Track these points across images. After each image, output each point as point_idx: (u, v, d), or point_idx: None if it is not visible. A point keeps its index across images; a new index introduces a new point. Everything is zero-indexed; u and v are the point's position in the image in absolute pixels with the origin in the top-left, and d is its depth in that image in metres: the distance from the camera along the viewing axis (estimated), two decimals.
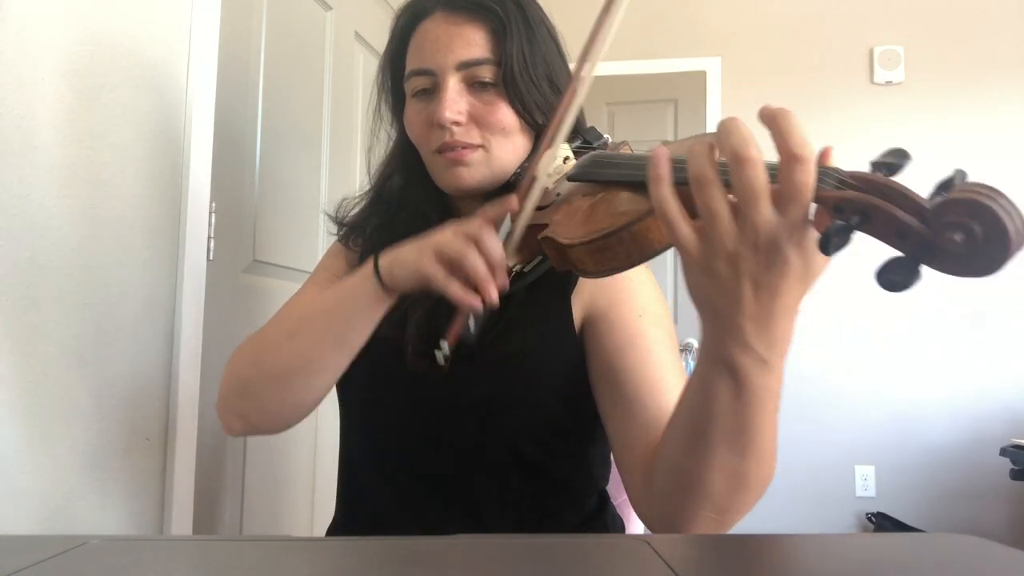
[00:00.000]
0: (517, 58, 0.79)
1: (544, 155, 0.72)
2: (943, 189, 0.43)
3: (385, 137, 0.93)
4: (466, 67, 0.79)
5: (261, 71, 1.61)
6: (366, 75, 2.12)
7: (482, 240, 0.65)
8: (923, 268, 0.42)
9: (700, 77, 3.34)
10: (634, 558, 0.45)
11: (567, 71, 0.85)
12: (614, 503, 0.95)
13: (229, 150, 1.48)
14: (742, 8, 3.35)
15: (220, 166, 1.42)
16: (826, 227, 0.45)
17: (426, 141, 0.83)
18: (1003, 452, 2.70)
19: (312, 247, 1.82)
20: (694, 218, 0.50)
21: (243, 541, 0.56)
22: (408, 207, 0.89)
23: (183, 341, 1.30)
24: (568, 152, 0.77)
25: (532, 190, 0.70)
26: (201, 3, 1.34)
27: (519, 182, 0.81)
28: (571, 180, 0.71)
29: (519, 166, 0.83)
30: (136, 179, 1.20)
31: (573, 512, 0.87)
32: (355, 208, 0.95)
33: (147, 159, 1.23)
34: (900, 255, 0.43)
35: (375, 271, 0.73)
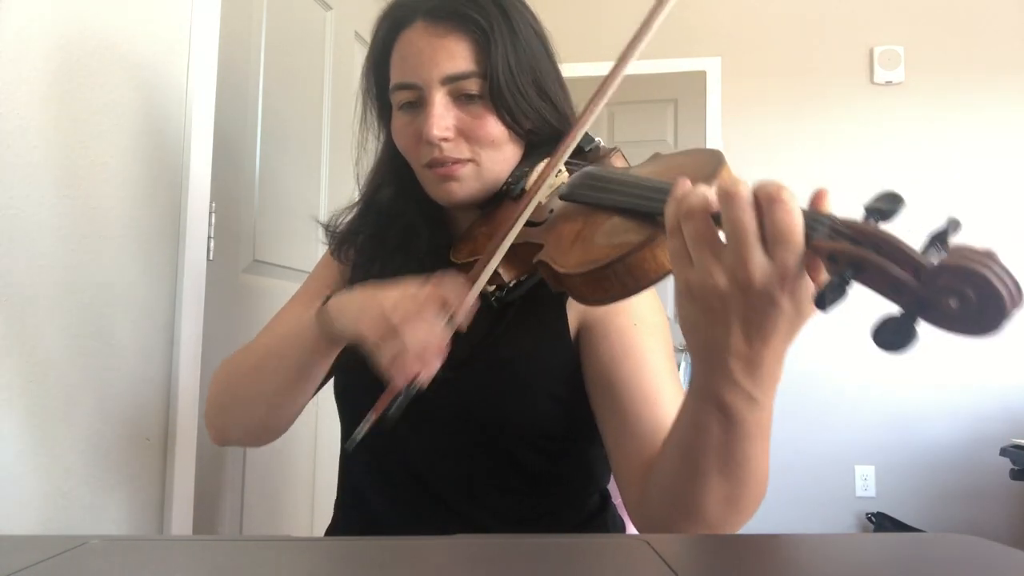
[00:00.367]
0: (503, 68, 0.77)
1: (545, 180, 0.72)
2: (936, 241, 0.43)
3: (372, 146, 0.92)
4: (451, 81, 0.77)
5: (261, 71, 1.61)
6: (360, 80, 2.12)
7: (427, 321, 0.63)
8: (920, 327, 0.42)
9: (700, 77, 3.34)
10: (634, 558, 0.45)
11: (555, 74, 0.84)
12: (614, 503, 0.95)
13: (229, 150, 1.48)
14: (742, 8, 3.35)
15: (220, 166, 1.42)
16: (822, 284, 0.45)
17: (415, 155, 0.82)
18: (1003, 452, 2.70)
19: (312, 247, 1.82)
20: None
21: (243, 541, 0.56)
22: (399, 218, 0.88)
23: (183, 341, 1.30)
24: (561, 164, 0.76)
25: (526, 211, 0.70)
26: (201, 3, 1.34)
27: (512, 191, 0.81)
28: (564, 200, 0.71)
29: (511, 175, 0.82)
30: (136, 179, 1.20)
31: (574, 512, 0.87)
32: (346, 218, 0.94)
33: (147, 159, 1.23)
34: (896, 313, 0.43)
35: (320, 318, 0.73)
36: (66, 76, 1.06)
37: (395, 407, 0.65)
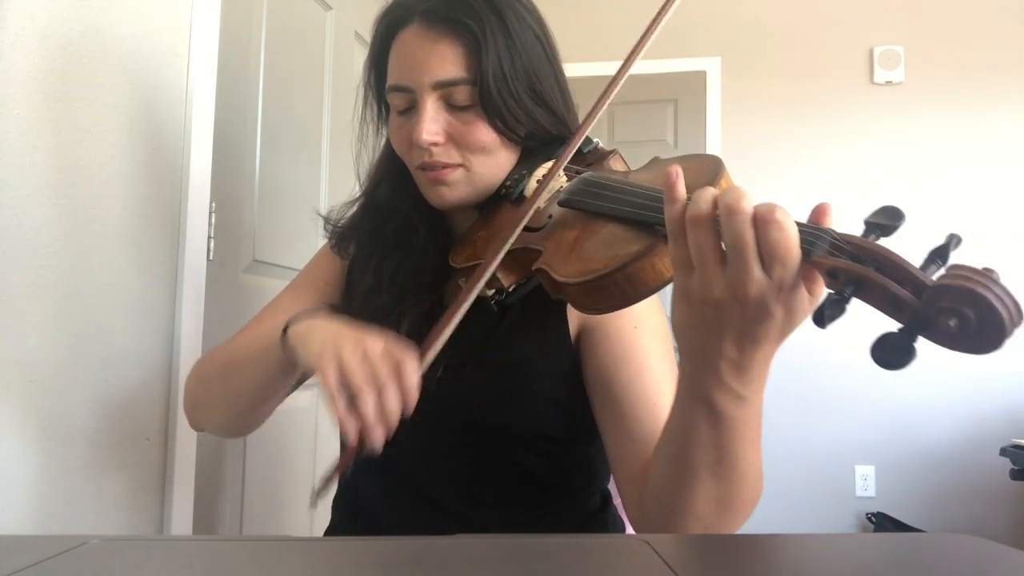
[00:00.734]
0: (495, 75, 0.76)
1: (544, 189, 0.72)
2: (936, 257, 0.43)
3: (372, 143, 0.92)
4: (442, 87, 0.77)
5: (261, 71, 1.61)
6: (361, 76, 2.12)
7: (390, 383, 0.59)
8: (919, 344, 0.42)
9: (700, 77, 3.34)
10: (634, 558, 0.45)
11: (554, 77, 0.83)
12: (614, 503, 0.95)
13: (229, 150, 1.48)
14: (742, 8, 3.34)
15: (220, 166, 1.41)
16: (820, 291, 0.46)
17: (408, 157, 0.82)
18: (1003, 452, 2.70)
19: (312, 247, 1.81)
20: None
21: (243, 541, 0.56)
22: (397, 215, 0.88)
23: (183, 341, 1.30)
24: (560, 171, 0.76)
25: (524, 219, 0.70)
26: (201, 3, 1.34)
27: (511, 195, 0.81)
28: (562, 206, 0.71)
29: (510, 177, 0.82)
30: (136, 179, 1.20)
31: (574, 512, 0.87)
32: (346, 213, 0.94)
33: (147, 159, 1.23)
34: (895, 329, 0.43)
35: (283, 340, 0.72)
36: (66, 76, 1.06)
37: (351, 469, 0.65)
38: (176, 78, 1.30)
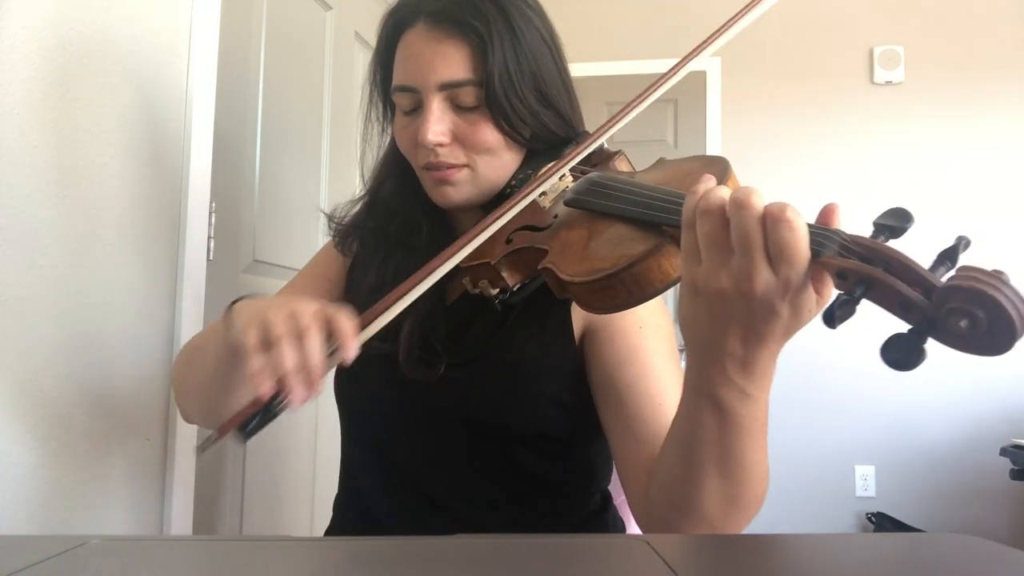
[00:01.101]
0: (500, 76, 0.76)
1: (542, 182, 0.72)
2: (946, 259, 0.43)
3: (377, 142, 0.92)
4: (448, 88, 0.77)
5: (261, 71, 1.61)
6: (366, 75, 2.12)
7: (307, 344, 0.56)
8: (928, 345, 0.42)
9: (700, 77, 3.34)
10: (634, 558, 0.45)
11: (560, 77, 0.83)
12: (615, 503, 0.95)
13: (229, 150, 1.48)
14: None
15: (220, 166, 1.42)
16: (829, 292, 0.46)
17: (413, 157, 0.83)
18: (1003, 452, 2.70)
19: (312, 247, 1.82)
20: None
21: (243, 541, 0.56)
22: (401, 214, 0.88)
23: (183, 341, 1.30)
24: (565, 169, 0.76)
25: (517, 205, 0.70)
26: (201, 3, 1.34)
27: (516, 193, 0.81)
28: (568, 206, 0.71)
29: (514, 178, 0.82)
30: (136, 179, 1.20)
31: (574, 512, 0.87)
32: (350, 211, 0.94)
33: (147, 159, 1.23)
34: (904, 330, 0.43)
35: (224, 318, 0.68)
36: (66, 76, 1.06)
37: (252, 424, 0.57)
38: (176, 78, 1.30)
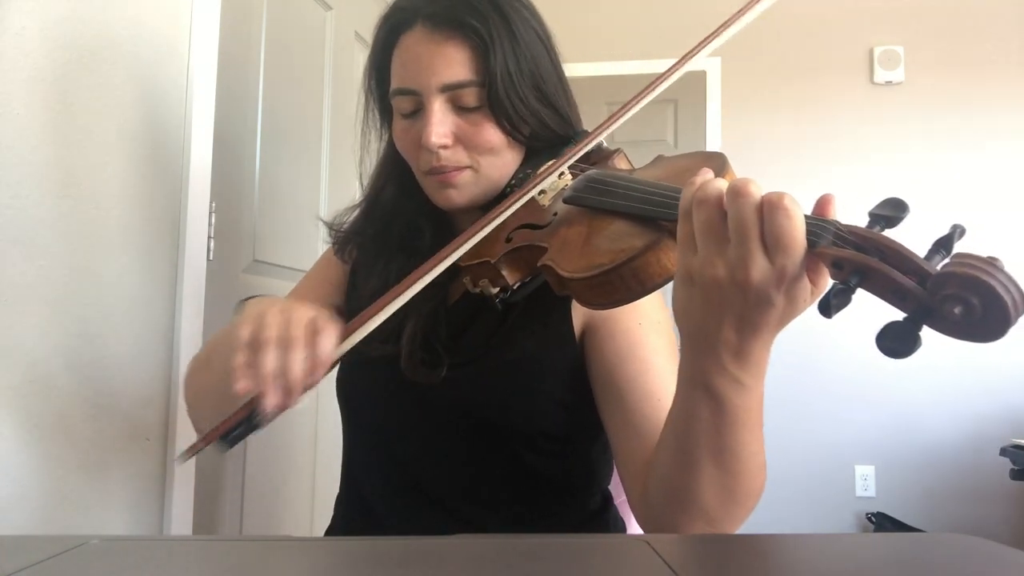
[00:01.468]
0: (502, 76, 0.77)
1: (542, 180, 0.72)
2: (941, 247, 0.43)
3: (375, 146, 0.92)
4: (449, 89, 0.77)
5: (261, 71, 1.61)
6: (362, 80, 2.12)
7: (292, 351, 0.55)
8: (924, 333, 0.43)
9: (700, 77, 3.34)
10: (634, 558, 0.45)
11: (557, 76, 0.83)
12: (615, 503, 0.95)
13: (229, 150, 1.48)
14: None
15: (220, 166, 1.42)
16: (824, 287, 0.46)
17: (415, 161, 0.82)
18: (1003, 452, 2.70)
19: (312, 247, 1.82)
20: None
21: (243, 541, 0.56)
22: (401, 218, 0.88)
23: (183, 341, 1.30)
24: (564, 167, 0.76)
25: (516, 203, 0.70)
26: (201, 3, 1.34)
27: (513, 193, 0.81)
28: (567, 203, 0.71)
29: (514, 177, 0.82)
30: (136, 179, 1.20)
31: (574, 512, 0.87)
32: (349, 218, 0.94)
33: (147, 159, 1.23)
34: (900, 318, 0.43)
35: (236, 311, 0.68)
36: (66, 76, 1.06)
37: (234, 434, 0.58)
38: (176, 78, 1.30)
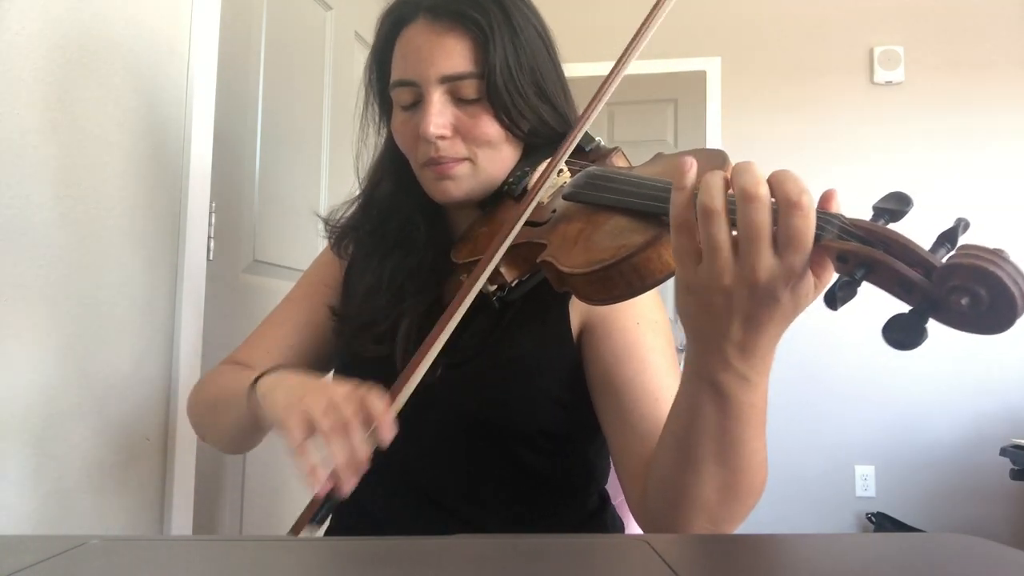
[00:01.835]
0: (501, 69, 0.77)
1: (546, 180, 0.73)
2: (945, 240, 0.43)
3: (373, 142, 0.92)
4: (449, 81, 0.77)
5: (261, 71, 1.61)
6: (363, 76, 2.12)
7: (352, 436, 0.59)
8: (929, 325, 0.42)
9: (700, 77, 3.34)
10: (634, 558, 0.45)
11: (556, 74, 0.84)
12: (613, 503, 0.95)
13: (229, 150, 1.48)
14: (742, 8, 3.34)
15: (220, 166, 1.42)
16: (828, 281, 0.46)
17: (413, 154, 0.82)
18: (1003, 452, 2.70)
19: (312, 247, 1.82)
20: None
21: (243, 541, 0.56)
22: (397, 214, 0.88)
23: (183, 341, 1.30)
24: (562, 164, 0.76)
25: (527, 211, 0.70)
26: (201, 3, 1.34)
27: (514, 191, 0.81)
28: (567, 199, 0.71)
29: (511, 174, 0.82)
30: (136, 179, 1.20)
31: (573, 512, 0.87)
32: (346, 213, 0.94)
33: (147, 159, 1.23)
34: (906, 311, 0.43)
35: (249, 393, 0.73)
36: (66, 76, 1.06)
37: (320, 515, 0.63)
38: (176, 78, 1.30)
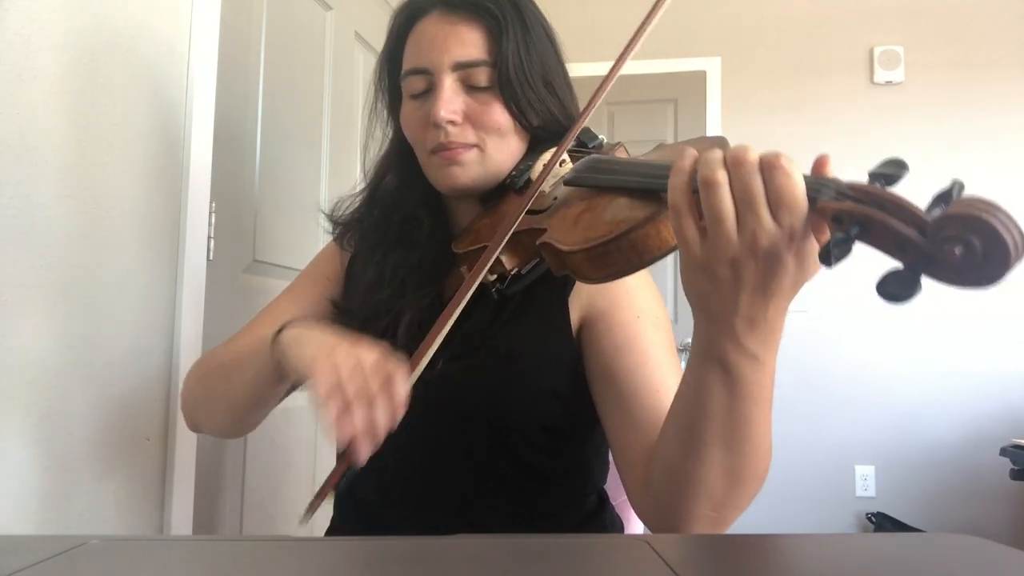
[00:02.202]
0: (513, 60, 0.79)
1: (550, 171, 0.73)
2: (941, 201, 0.43)
3: (381, 136, 0.93)
4: (462, 68, 0.79)
5: (261, 71, 1.61)
6: (366, 75, 2.12)
7: (380, 396, 0.59)
8: (923, 280, 0.43)
9: (700, 77, 3.34)
10: (634, 558, 0.45)
11: (563, 72, 0.86)
12: (613, 503, 0.95)
13: (229, 150, 1.48)
14: (742, 8, 3.34)
15: (220, 166, 1.41)
16: (827, 239, 0.47)
17: (422, 141, 0.83)
18: (1003, 452, 2.70)
19: (312, 247, 1.81)
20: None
21: (243, 541, 0.56)
22: (401, 209, 0.89)
23: (183, 341, 1.30)
24: (564, 155, 0.77)
25: (530, 200, 0.71)
26: (201, 3, 1.34)
27: (516, 184, 0.81)
28: (568, 184, 0.71)
29: (515, 168, 0.83)
30: (136, 179, 1.20)
31: (572, 512, 0.87)
32: (351, 206, 0.95)
33: (147, 159, 1.23)
34: (900, 267, 0.43)
35: (273, 346, 0.72)
36: (66, 76, 1.06)
37: (344, 480, 0.64)
38: (176, 77, 1.30)
